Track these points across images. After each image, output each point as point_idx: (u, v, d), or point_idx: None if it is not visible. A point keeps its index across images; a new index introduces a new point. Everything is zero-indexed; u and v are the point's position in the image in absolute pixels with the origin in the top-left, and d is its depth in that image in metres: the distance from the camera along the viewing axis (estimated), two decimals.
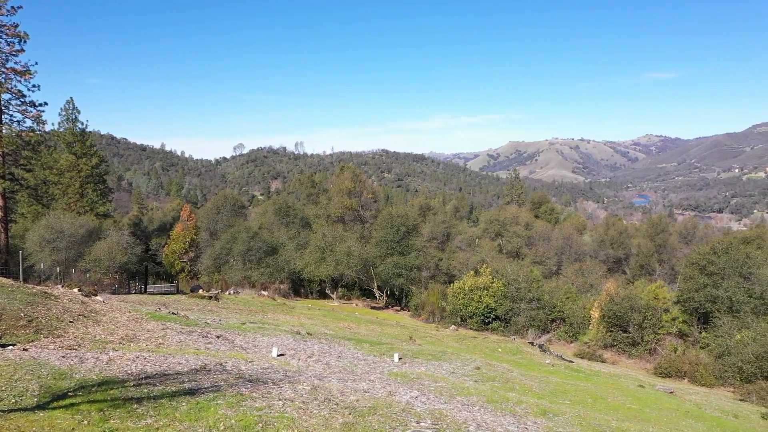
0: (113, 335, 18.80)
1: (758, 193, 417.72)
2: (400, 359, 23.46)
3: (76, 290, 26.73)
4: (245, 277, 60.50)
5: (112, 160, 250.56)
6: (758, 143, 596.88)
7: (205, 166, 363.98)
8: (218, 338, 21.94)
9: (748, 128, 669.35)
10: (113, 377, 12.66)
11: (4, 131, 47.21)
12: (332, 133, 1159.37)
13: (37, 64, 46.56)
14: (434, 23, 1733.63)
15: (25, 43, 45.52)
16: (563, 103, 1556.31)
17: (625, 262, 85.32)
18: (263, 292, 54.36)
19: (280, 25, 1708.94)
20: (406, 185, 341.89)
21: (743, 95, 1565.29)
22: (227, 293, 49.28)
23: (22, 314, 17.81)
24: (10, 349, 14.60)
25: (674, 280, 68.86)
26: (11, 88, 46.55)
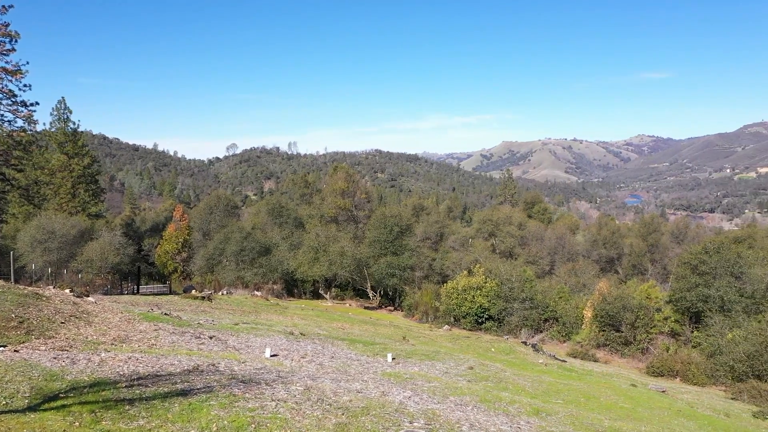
0: (105, 336, 18.72)
1: (749, 193, 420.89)
2: (393, 359, 23.46)
3: (67, 291, 26.59)
4: (238, 277, 60.31)
5: (104, 160, 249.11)
6: (749, 143, 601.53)
7: (197, 166, 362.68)
8: (211, 339, 21.89)
9: (739, 128, 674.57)
10: (105, 378, 12.61)
11: None
12: (326, 133, 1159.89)
13: (28, 63, 46.21)
14: (429, 23, 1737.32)
15: (16, 42, 45.11)
16: (556, 103, 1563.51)
17: (617, 261, 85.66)
18: (256, 292, 54.23)
19: (274, 24, 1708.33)
20: (399, 185, 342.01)
21: (735, 96, 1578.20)
22: (220, 294, 49.17)
23: (13, 315, 17.71)
24: (0, 350, 14.51)
25: (666, 279, 69.22)
26: (2, 87, 46.08)
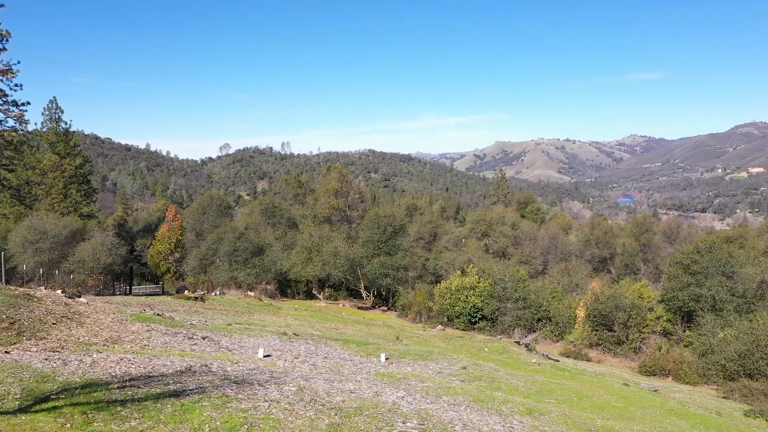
0: (97, 337, 18.63)
1: (740, 192, 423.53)
2: (386, 359, 23.46)
3: (59, 292, 26.42)
4: (231, 277, 60.16)
5: (96, 160, 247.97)
6: (740, 143, 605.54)
7: (190, 166, 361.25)
8: (204, 339, 21.82)
9: (730, 129, 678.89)
10: (97, 379, 12.55)
11: None
12: (319, 133, 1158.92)
13: (19, 63, 45.88)
14: (422, 24, 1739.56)
15: (7, 41, 44.75)
16: (549, 103, 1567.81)
17: (610, 261, 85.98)
18: (249, 292, 54.12)
19: (267, 24, 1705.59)
20: (392, 185, 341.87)
21: (726, 96, 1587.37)
22: (213, 294, 49.06)
23: (3, 316, 17.60)
24: None
25: (658, 279, 69.55)
26: None
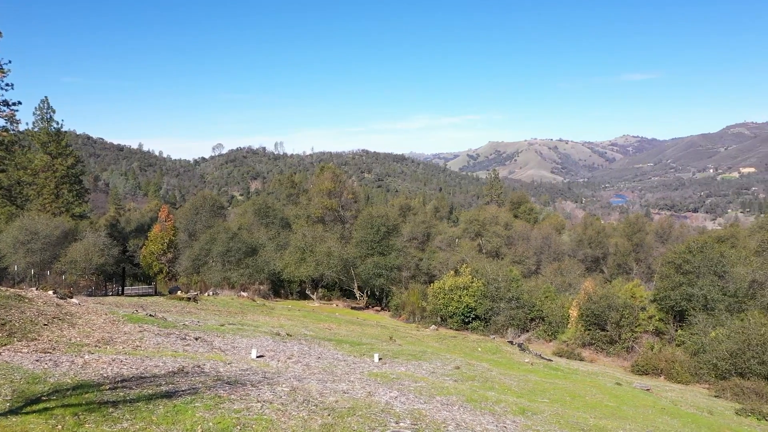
0: (89, 338, 18.53)
1: (732, 192, 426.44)
2: (380, 359, 23.45)
3: (50, 292, 26.27)
4: (224, 278, 60.03)
5: (88, 160, 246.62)
6: (732, 144, 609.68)
7: (183, 166, 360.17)
8: (197, 340, 21.74)
9: (722, 129, 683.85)
10: (89, 381, 12.48)
11: None
12: (312, 133, 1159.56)
13: (10, 62, 45.49)
14: (416, 24, 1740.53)
15: None
16: (542, 104, 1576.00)
17: (602, 261, 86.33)
18: (243, 293, 53.99)
19: (261, 24, 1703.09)
20: (386, 185, 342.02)
21: (717, 97, 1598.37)
22: (206, 294, 48.89)
23: None
24: None
25: (651, 278, 69.83)
26: None
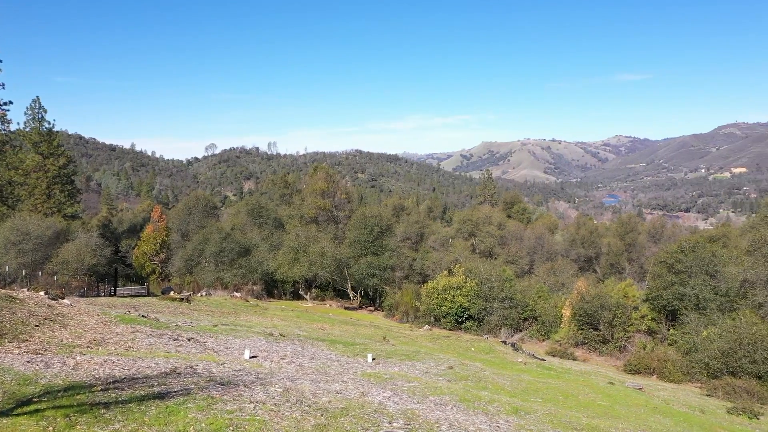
0: (81, 339, 18.44)
1: (723, 192, 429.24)
2: (373, 360, 23.45)
3: (42, 293, 26.13)
4: (218, 278, 59.83)
5: (80, 160, 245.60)
6: (723, 144, 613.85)
7: (176, 166, 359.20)
8: (189, 341, 21.68)
9: (713, 129, 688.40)
10: (80, 382, 12.41)
11: None
12: (306, 133, 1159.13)
13: (2, 62, 45.54)
14: (409, 24, 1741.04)
15: None
16: (535, 104, 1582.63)
17: (595, 260, 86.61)
18: (236, 293, 53.86)
19: (254, 24, 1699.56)
20: (379, 185, 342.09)
21: (709, 97, 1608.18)
22: (199, 295, 48.72)
23: None
24: None
25: (643, 278, 70.11)
26: None
